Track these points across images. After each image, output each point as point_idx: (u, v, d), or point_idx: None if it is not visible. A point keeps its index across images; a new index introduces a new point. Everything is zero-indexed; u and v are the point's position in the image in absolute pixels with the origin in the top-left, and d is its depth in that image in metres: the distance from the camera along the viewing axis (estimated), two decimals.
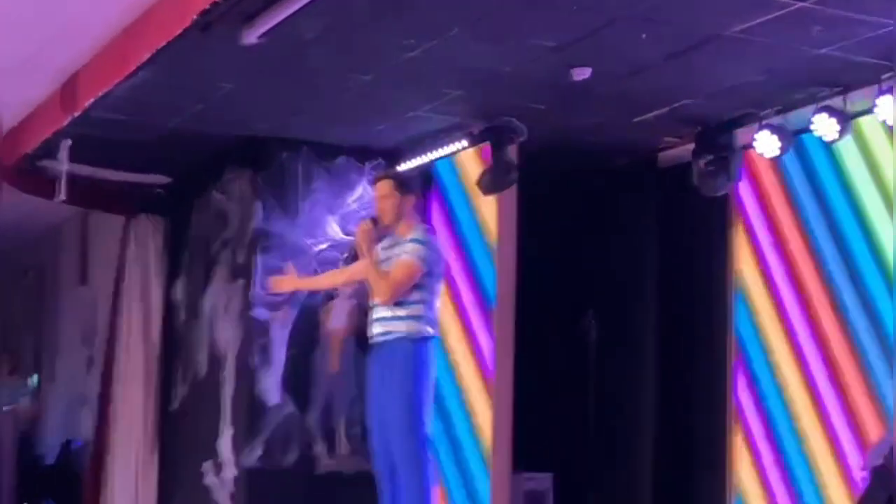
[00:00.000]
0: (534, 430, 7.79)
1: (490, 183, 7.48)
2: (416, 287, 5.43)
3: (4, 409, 10.17)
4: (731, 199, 7.40)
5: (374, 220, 5.54)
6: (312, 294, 7.93)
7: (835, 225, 6.85)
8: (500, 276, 7.61)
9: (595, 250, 8.34)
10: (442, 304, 8.11)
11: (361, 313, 7.99)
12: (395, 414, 5.41)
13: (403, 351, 5.40)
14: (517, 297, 7.61)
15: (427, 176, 8.29)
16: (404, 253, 5.42)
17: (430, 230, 5.64)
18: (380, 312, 5.49)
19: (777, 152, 6.85)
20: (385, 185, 5.59)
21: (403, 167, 8.14)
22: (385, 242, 5.62)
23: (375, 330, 5.51)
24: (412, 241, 5.44)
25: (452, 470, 7.92)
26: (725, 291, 7.43)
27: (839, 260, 6.80)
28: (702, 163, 7.23)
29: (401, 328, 5.40)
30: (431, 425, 5.49)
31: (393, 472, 5.45)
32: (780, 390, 7.07)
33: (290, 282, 6.07)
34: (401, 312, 5.42)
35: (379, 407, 5.50)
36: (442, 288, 5.70)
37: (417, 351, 5.40)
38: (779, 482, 7.07)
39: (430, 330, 5.44)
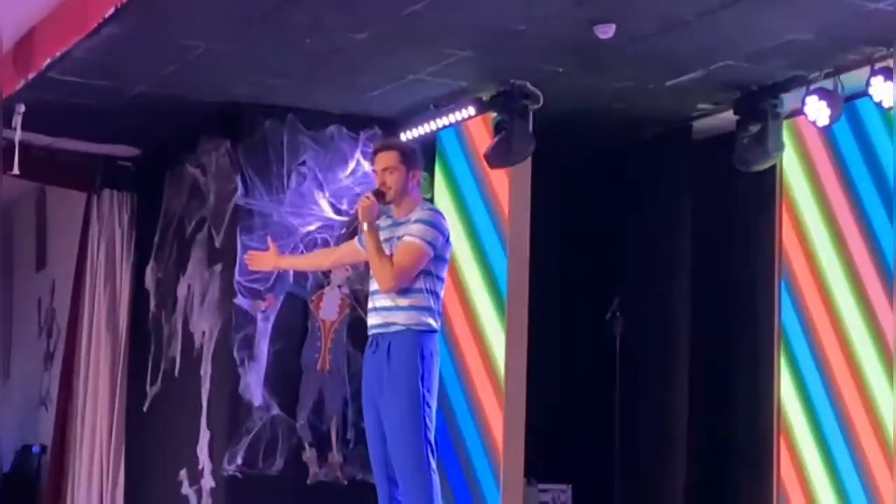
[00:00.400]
0: (550, 436, 7.91)
1: (501, 156, 7.49)
2: (421, 274, 5.37)
3: None
4: (776, 173, 7.43)
5: (378, 194, 5.46)
6: (300, 281, 8.02)
7: (890, 201, 6.82)
8: (511, 261, 7.66)
9: (621, 232, 8.42)
10: (447, 294, 8.25)
11: (355, 303, 8.11)
12: (395, 416, 5.37)
13: (405, 345, 5.35)
14: (531, 286, 7.66)
15: (429, 148, 8.26)
16: (408, 235, 5.37)
17: (436, 209, 5.57)
18: (379, 301, 5.45)
19: (827, 120, 6.84)
20: (389, 156, 5.50)
21: (403, 137, 8.12)
22: (382, 221, 5.60)
23: (373, 321, 5.47)
24: (418, 221, 5.39)
25: (459, 480, 7.95)
26: (769, 278, 7.48)
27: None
28: (742, 133, 7.25)
29: (402, 320, 5.36)
30: (435, 430, 5.45)
31: (392, 482, 5.42)
32: (827, 385, 7.10)
33: (269, 259, 5.96)
34: (403, 302, 5.37)
35: (376, 408, 5.46)
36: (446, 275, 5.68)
37: (421, 345, 5.35)
38: (827, 488, 7.10)
39: (434, 322, 5.41)
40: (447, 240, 5.46)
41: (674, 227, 8.01)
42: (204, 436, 8.17)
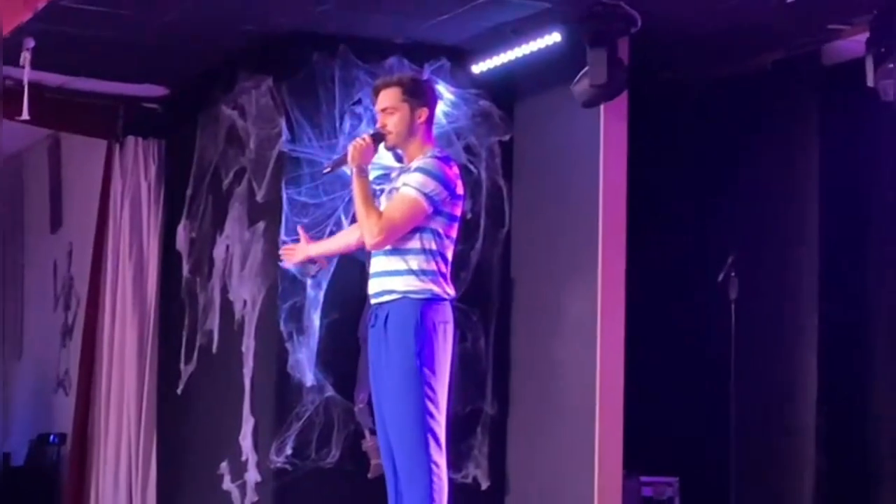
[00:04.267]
0: (652, 422, 7.91)
1: (591, 90, 7.48)
2: (419, 231, 5.45)
3: None
4: None
5: (377, 136, 5.54)
6: None
7: None
8: (605, 213, 7.71)
9: (736, 177, 8.40)
10: (522, 254, 8.35)
11: None
12: (391, 400, 5.46)
13: (402, 316, 5.42)
14: (629, 242, 7.71)
15: (506, 82, 8.35)
16: (405, 185, 5.43)
17: (443, 156, 5.57)
18: (376, 264, 5.54)
19: None
20: (389, 94, 5.55)
21: (476, 69, 8.21)
22: (394, 172, 5.66)
23: (371, 288, 5.56)
24: (418, 169, 5.44)
25: (546, 474, 8.01)
26: None
27: None
28: (879, 57, 7.14)
29: (399, 286, 5.43)
30: (442, 419, 5.46)
31: (395, 471, 5.53)
32: None
33: (300, 250, 6.06)
34: (399, 265, 5.46)
35: (377, 388, 5.56)
36: (455, 234, 5.62)
37: (420, 315, 5.40)
38: None
39: (437, 288, 5.44)
40: (453, 193, 5.49)
41: (798, 170, 8.01)
42: (247, 423, 8.26)
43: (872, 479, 7.72)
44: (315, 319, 8.10)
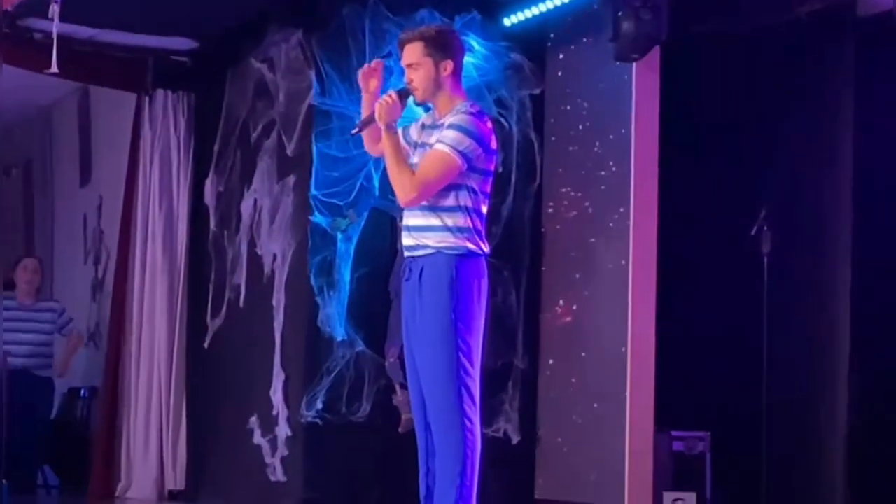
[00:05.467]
0: (684, 376, 7.91)
1: (626, 43, 7.52)
2: (454, 188, 5.43)
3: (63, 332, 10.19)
4: None
5: (403, 93, 5.49)
6: (386, 194, 7.97)
7: None
8: (637, 167, 7.78)
9: (769, 130, 8.39)
10: (553, 208, 8.37)
11: None
12: (425, 354, 5.47)
13: (436, 270, 5.42)
14: (660, 196, 7.76)
15: (539, 35, 8.38)
16: (439, 142, 5.40)
17: (477, 111, 5.53)
18: (410, 219, 5.53)
19: None
20: (412, 50, 5.50)
21: (507, 22, 8.22)
22: (426, 119, 5.62)
23: (405, 242, 5.56)
24: (451, 126, 5.42)
25: (576, 428, 8.04)
26: None
27: None
28: None
29: (434, 241, 5.44)
30: (476, 375, 5.48)
31: (427, 426, 5.54)
32: None
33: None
34: (435, 221, 5.44)
35: (410, 343, 5.57)
36: (489, 188, 5.60)
37: (455, 270, 5.40)
38: None
39: (472, 245, 5.45)
40: (487, 149, 5.47)
41: (832, 123, 7.97)
42: (278, 377, 8.31)
43: None
44: (345, 273, 8.19)
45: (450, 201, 5.43)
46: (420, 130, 5.61)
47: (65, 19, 8.07)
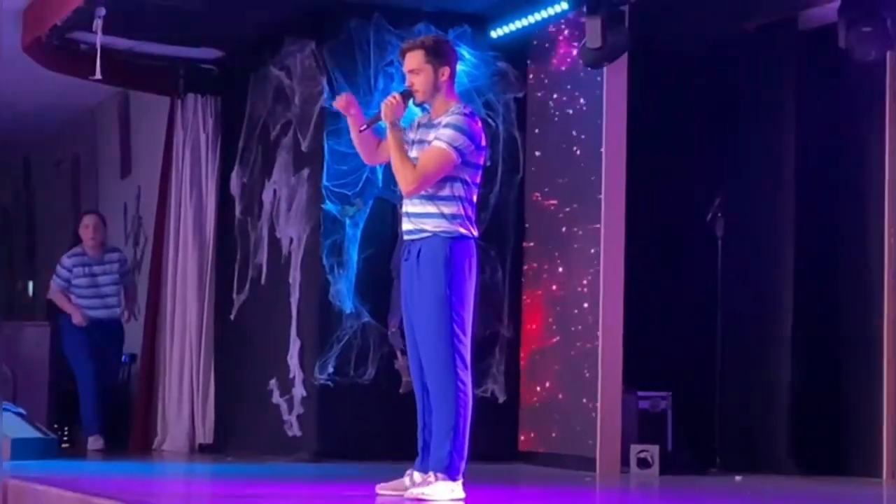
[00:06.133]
0: (648, 342, 8.02)
1: (596, 53, 7.51)
2: (449, 180, 5.58)
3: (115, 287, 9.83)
4: (889, 66, 7.43)
5: (406, 94, 5.64)
6: (389, 185, 8.15)
7: None
8: (608, 159, 7.78)
9: (722, 129, 8.45)
10: (535, 196, 8.35)
11: None
12: (423, 323, 5.59)
13: (433, 250, 5.56)
14: (628, 186, 7.78)
15: (523, 45, 8.46)
16: (436, 139, 5.55)
17: (470, 112, 5.67)
18: (409, 206, 5.65)
19: None
20: (413, 57, 5.65)
21: (494, 34, 8.37)
22: (423, 118, 5.75)
23: (405, 226, 5.69)
24: (447, 125, 5.56)
25: (555, 389, 8.20)
26: (878, 178, 7.51)
27: None
28: (852, 22, 7.10)
29: (431, 226, 5.58)
30: (468, 342, 5.58)
31: (427, 391, 5.68)
32: None
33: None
34: (432, 209, 5.58)
35: (409, 315, 5.70)
36: (480, 180, 5.72)
37: (450, 250, 5.55)
38: None
39: (464, 230, 5.59)
40: (478, 146, 5.62)
41: (777, 123, 8.05)
42: (294, 344, 8.46)
43: (840, 384, 7.76)
44: (353, 254, 8.28)
45: (445, 191, 5.58)
46: (416, 129, 5.76)
47: (107, 32, 8.22)
